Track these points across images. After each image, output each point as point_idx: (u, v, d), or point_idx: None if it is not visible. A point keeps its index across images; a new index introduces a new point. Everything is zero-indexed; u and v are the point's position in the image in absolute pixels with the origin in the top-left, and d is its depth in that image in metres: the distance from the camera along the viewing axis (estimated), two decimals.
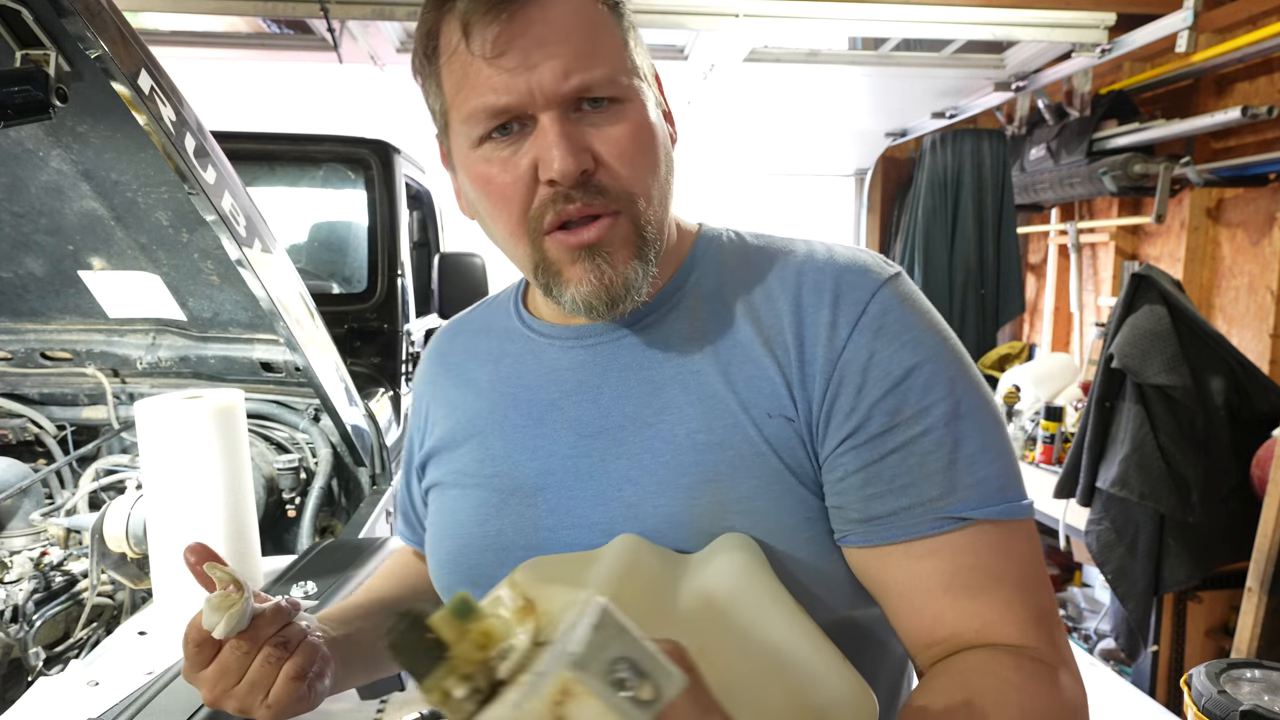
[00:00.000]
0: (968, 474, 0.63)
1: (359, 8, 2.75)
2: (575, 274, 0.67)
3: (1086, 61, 3.16)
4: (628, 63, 0.67)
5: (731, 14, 2.85)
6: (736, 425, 0.67)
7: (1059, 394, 3.35)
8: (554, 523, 0.71)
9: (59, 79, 1.04)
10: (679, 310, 0.73)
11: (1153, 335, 2.37)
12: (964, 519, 0.62)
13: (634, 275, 0.67)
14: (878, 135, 4.71)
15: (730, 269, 0.74)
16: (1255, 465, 2.31)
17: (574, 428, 0.73)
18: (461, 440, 0.80)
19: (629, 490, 0.69)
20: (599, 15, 0.65)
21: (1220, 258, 3.32)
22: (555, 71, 0.62)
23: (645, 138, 0.67)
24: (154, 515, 1.22)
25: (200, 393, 1.24)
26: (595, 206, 0.65)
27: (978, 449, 0.63)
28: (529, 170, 0.65)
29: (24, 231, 1.47)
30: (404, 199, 2.71)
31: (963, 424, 0.63)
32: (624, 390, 0.72)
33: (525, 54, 0.62)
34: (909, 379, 0.64)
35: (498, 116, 0.64)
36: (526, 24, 0.62)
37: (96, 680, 1.05)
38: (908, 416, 0.63)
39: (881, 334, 0.65)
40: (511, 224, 0.68)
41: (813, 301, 0.68)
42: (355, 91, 3.77)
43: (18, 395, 1.78)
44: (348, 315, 2.53)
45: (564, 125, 0.63)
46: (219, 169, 1.30)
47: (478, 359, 0.84)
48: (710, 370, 0.70)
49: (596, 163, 0.65)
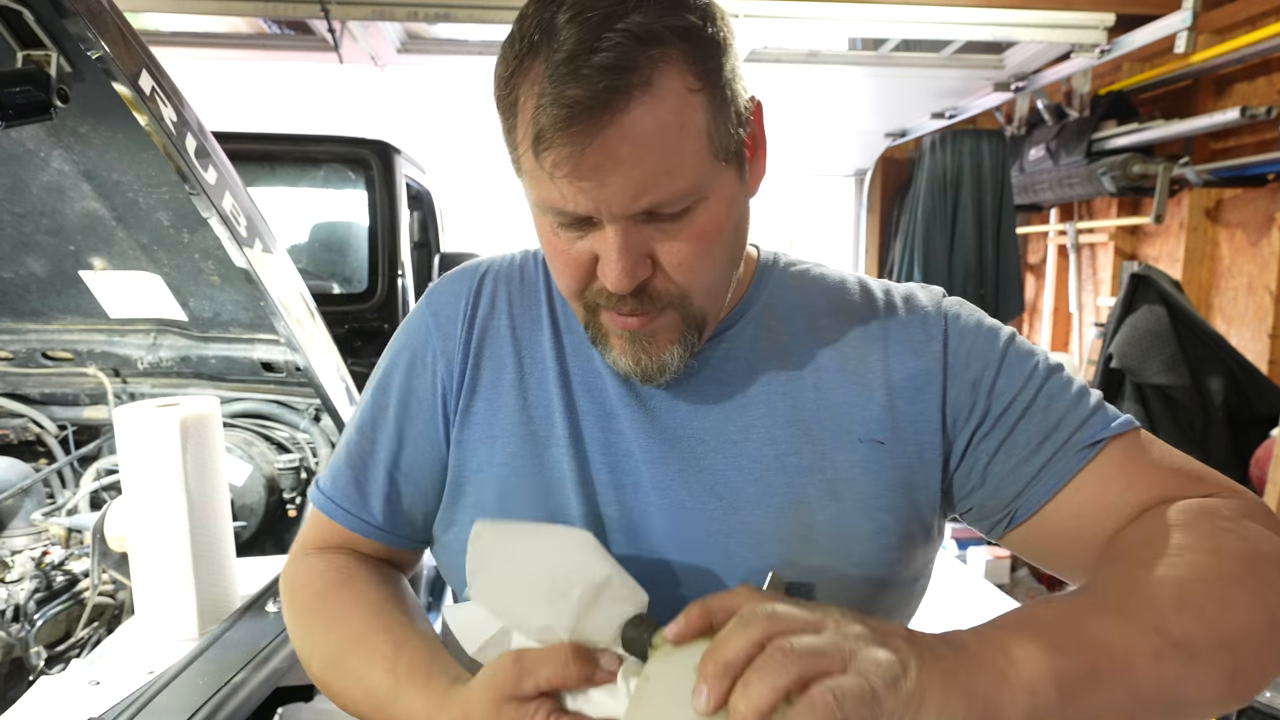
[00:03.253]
0: (1081, 408, 0.69)
1: (359, 8, 2.75)
2: (617, 346, 0.68)
3: (1086, 62, 3.16)
4: (710, 155, 0.61)
5: (731, 14, 2.84)
6: (827, 450, 0.70)
7: None
8: (628, 524, 0.71)
9: (60, 79, 1.04)
10: (754, 329, 0.74)
11: (1152, 335, 2.37)
12: (1098, 441, 0.67)
13: (671, 359, 0.68)
14: (877, 135, 4.72)
15: (800, 293, 0.76)
16: (1254, 465, 2.31)
17: (645, 431, 0.72)
18: (526, 415, 0.74)
19: (713, 504, 0.70)
20: (685, 113, 0.58)
21: (1219, 258, 3.32)
22: (625, 193, 0.58)
23: (709, 241, 0.63)
24: (131, 522, 1.23)
25: (176, 400, 1.24)
26: (646, 309, 0.65)
27: (1077, 389, 0.70)
28: (590, 259, 0.64)
29: (25, 232, 1.48)
30: (404, 199, 2.72)
31: (1054, 377, 0.70)
32: (703, 404, 0.72)
33: (596, 171, 0.57)
34: (1006, 359, 0.71)
35: (563, 216, 0.62)
36: (602, 143, 0.56)
37: (97, 679, 1.05)
38: (1018, 388, 0.69)
39: (965, 335, 0.72)
40: (570, 291, 0.68)
41: (897, 327, 0.73)
42: (356, 92, 3.77)
43: (19, 395, 1.78)
44: (348, 315, 2.53)
45: (626, 238, 0.61)
46: (220, 169, 1.30)
47: (537, 320, 0.77)
48: (797, 393, 0.71)
49: (655, 267, 0.63)
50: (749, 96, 0.66)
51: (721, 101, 0.61)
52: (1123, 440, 0.68)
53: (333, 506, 0.79)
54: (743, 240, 0.70)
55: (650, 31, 0.56)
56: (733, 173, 0.64)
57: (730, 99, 0.62)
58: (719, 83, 0.61)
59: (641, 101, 0.56)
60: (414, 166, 2.96)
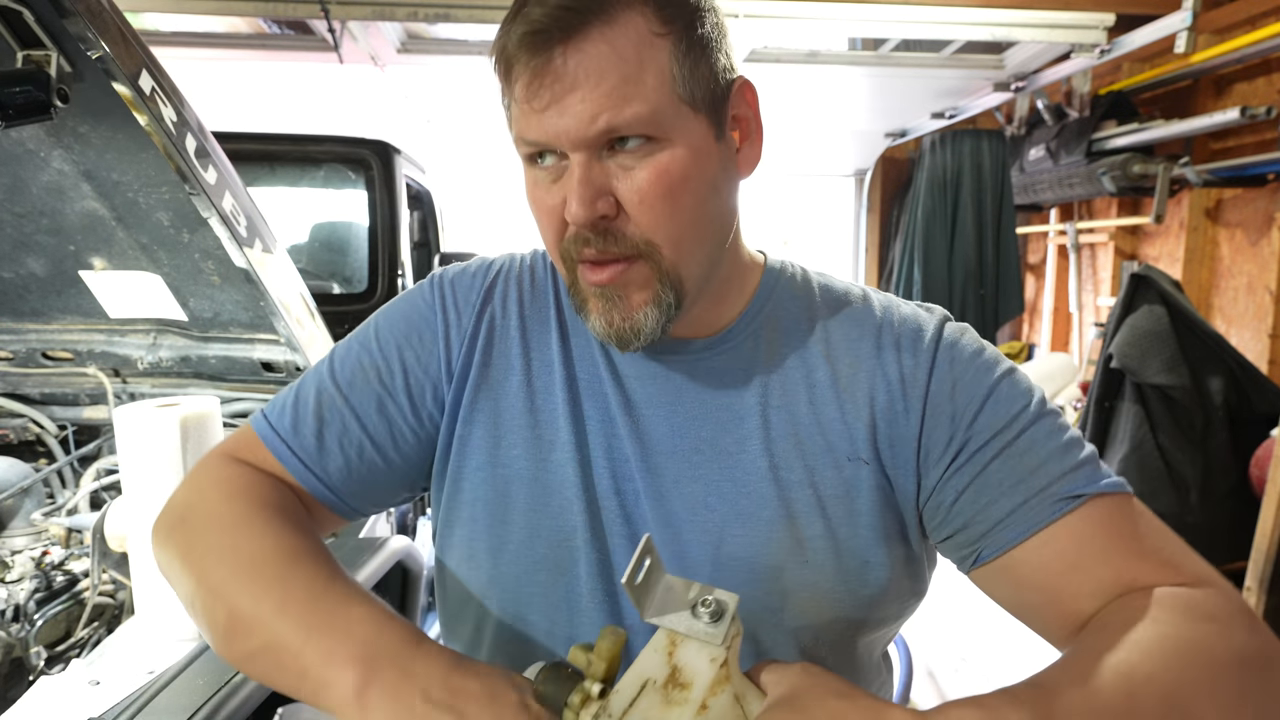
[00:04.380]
0: (1067, 460, 0.66)
1: (359, 8, 2.75)
2: (594, 308, 0.68)
3: (1086, 62, 3.16)
4: (675, 95, 0.62)
5: (731, 14, 2.86)
6: (815, 465, 0.70)
7: (1058, 394, 3.35)
8: (629, 532, 0.71)
9: (60, 79, 1.04)
10: (756, 341, 0.74)
11: (1152, 335, 2.37)
12: (1078, 496, 0.64)
13: (644, 320, 0.67)
14: (877, 135, 4.72)
15: (802, 305, 0.76)
16: (1254, 465, 2.31)
17: (642, 439, 0.72)
18: (533, 419, 0.74)
19: (705, 515, 0.70)
20: (646, 48, 0.61)
21: (1219, 258, 3.32)
22: (582, 116, 0.60)
23: (673, 183, 0.63)
24: (131, 522, 1.23)
25: (176, 400, 1.24)
26: (610, 253, 0.65)
27: (1068, 439, 0.67)
28: (563, 203, 0.64)
29: (25, 232, 1.48)
30: (404, 199, 2.72)
31: (1043, 421, 0.67)
32: (701, 413, 0.72)
33: (557, 98, 0.61)
34: (992, 396, 0.68)
35: (534, 148, 0.64)
36: (561, 67, 0.60)
37: (98, 679, 1.05)
38: (1000, 427, 0.67)
39: (955, 364, 0.70)
40: (550, 244, 0.69)
41: (889, 348, 0.72)
42: (356, 92, 3.78)
43: (19, 395, 1.78)
44: (348, 315, 2.52)
45: (587, 170, 0.62)
46: (220, 169, 1.30)
47: (545, 323, 0.78)
48: (793, 406, 0.71)
49: (619, 207, 0.64)
50: (739, 75, 0.68)
51: (690, 50, 0.63)
52: (1107, 501, 0.64)
53: (281, 447, 0.73)
54: (724, 211, 0.70)
55: None
56: (704, 125, 0.65)
57: (703, 54, 0.64)
58: (689, 35, 0.63)
59: (600, 30, 0.60)
60: (414, 166, 2.96)
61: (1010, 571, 0.66)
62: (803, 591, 0.69)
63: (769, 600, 0.69)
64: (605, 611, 0.72)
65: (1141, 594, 0.60)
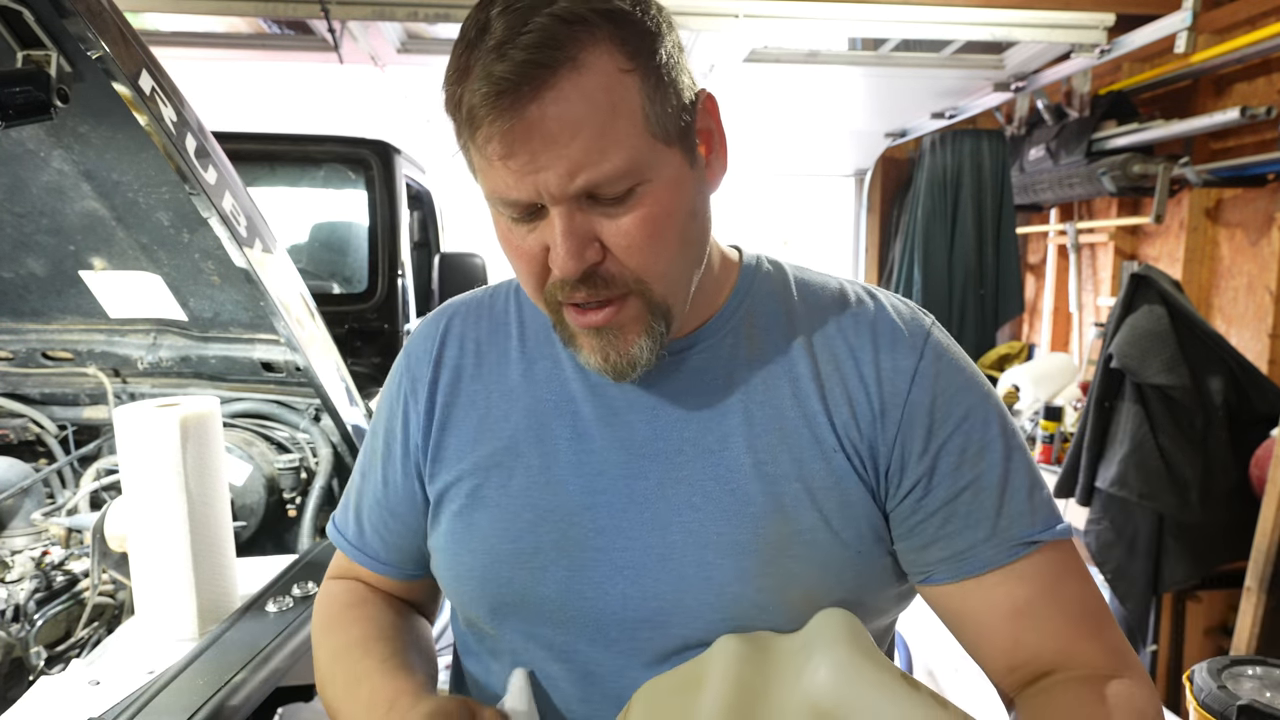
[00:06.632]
0: (1030, 501, 0.69)
1: (359, 8, 2.75)
2: (586, 345, 0.68)
3: (1086, 62, 3.16)
4: (649, 135, 0.61)
5: (731, 14, 2.86)
6: (803, 458, 0.70)
7: (1058, 394, 3.35)
8: (604, 543, 0.71)
9: (60, 79, 1.04)
10: (735, 337, 0.74)
11: (1152, 335, 2.37)
12: (1035, 542, 0.68)
13: (640, 352, 0.67)
14: (877, 136, 4.72)
15: (780, 300, 0.76)
16: (1254, 465, 2.31)
17: (624, 447, 0.72)
18: (489, 448, 0.75)
19: (690, 515, 0.70)
20: (617, 92, 0.59)
21: (1219, 258, 3.32)
22: (560, 174, 0.59)
23: (657, 223, 0.63)
24: (131, 521, 1.23)
25: (176, 400, 1.24)
26: (602, 295, 0.65)
27: (1033, 479, 0.70)
28: (543, 250, 0.64)
29: (25, 232, 1.48)
30: (404, 199, 2.71)
31: (1014, 457, 0.70)
32: (682, 414, 0.72)
33: (532, 156, 0.58)
34: (969, 418, 0.70)
35: (512, 206, 0.63)
36: (537, 123, 0.58)
37: (97, 679, 1.05)
38: (973, 454, 0.69)
39: (939, 378, 0.70)
40: (530, 288, 0.68)
41: (869, 346, 0.72)
42: (356, 92, 3.77)
43: (19, 395, 1.78)
44: (348, 315, 2.53)
45: (570, 222, 0.61)
46: (220, 169, 1.30)
47: (504, 354, 0.79)
48: (777, 400, 0.71)
49: (605, 252, 0.63)
50: (697, 88, 0.66)
51: (658, 83, 0.61)
52: (1057, 550, 0.69)
53: (342, 540, 0.87)
54: (702, 230, 0.70)
55: (575, 14, 0.58)
56: (677, 156, 0.64)
57: (669, 83, 0.62)
58: (653, 65, 0.61)
59: (568, 78, 0.58)
60: (414, 166, 2.96)
61: (959, 599, 0.70)
62: (795, 587, 0.69)
63: (760, 597, 0.69)
64: (578, 628, 0.72)
65: (1079, 685, 0.65)
